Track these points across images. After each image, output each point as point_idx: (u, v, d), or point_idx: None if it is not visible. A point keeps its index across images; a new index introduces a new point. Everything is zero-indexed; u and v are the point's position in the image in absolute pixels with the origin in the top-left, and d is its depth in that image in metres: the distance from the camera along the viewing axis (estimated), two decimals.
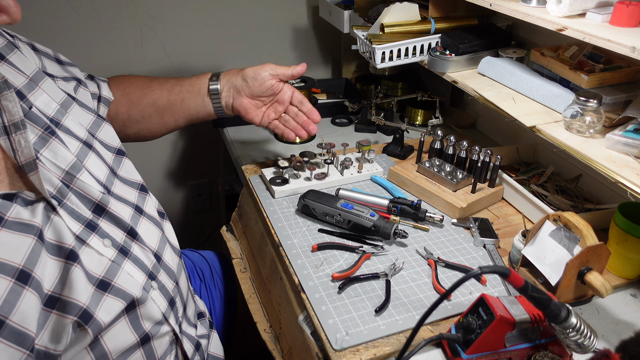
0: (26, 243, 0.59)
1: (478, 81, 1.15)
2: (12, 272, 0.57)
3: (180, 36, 1.73)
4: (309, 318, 0.87)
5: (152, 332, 0.72)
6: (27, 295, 0.57)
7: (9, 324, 0.55)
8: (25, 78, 0.73)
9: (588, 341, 0.70)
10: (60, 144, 0.71)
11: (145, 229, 0.78)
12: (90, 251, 0.66)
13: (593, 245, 0.83)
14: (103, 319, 0.64)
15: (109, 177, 0.77)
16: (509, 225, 1.11)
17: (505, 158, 1.28)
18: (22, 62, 0.75)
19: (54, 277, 0.61)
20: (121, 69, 1.71)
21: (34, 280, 0.58)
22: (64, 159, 0.70)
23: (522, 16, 0.92)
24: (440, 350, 0.80)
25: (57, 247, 0.63)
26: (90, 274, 0.65)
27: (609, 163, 0.83)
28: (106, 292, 0.66)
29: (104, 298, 0.65)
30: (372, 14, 1.48)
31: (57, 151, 0.70)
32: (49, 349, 0.58)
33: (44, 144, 0.69)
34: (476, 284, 0.93)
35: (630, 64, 1.00)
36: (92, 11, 1.60)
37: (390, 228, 1.01)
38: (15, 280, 0.57)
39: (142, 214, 0.80)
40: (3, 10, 0.58)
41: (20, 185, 0.65)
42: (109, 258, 0.69)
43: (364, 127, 1.54)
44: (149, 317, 0.72)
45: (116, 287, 0.67)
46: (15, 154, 0.64)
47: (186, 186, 2.04)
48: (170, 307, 0.77)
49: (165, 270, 0.79)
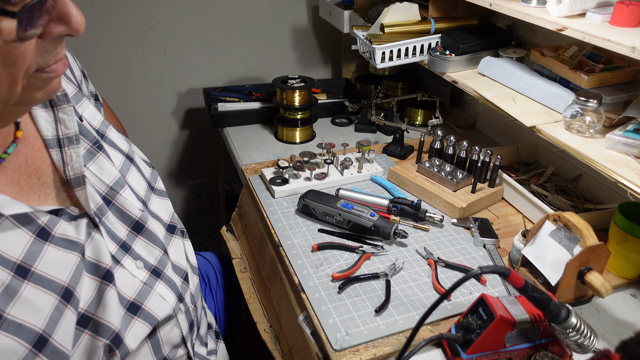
0: (72, 260, 0.59)
1: (478, 81, 1.15)
2: (59, 289, 0.56)
3: (180, 36, 1.73)
4: (309, 318, 0.87)
5: (169, 356, 0.72)
6: (68, 314, 0.56)
7: (51, 343, 0.54)
8: (74, 88, 0.72)
9: (588, 341, 0.70)
10: (106, 159, 0.70)
11: (174, 249, 0.77)
12: (124, 272, 0.65)
13: (593, 245, 0.83)
14: (131, 345, 0.63)
15: (147, 192, 0.76)
16: (509, 225, 1.11)
17: (505, 158, 1.28)
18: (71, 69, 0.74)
19: (88, 296, 0.60)
20: (121, 69, 1.71)
21: (75, 299, 0.58)
22: (109, 175, 0.69)
23: (522, 16, 0.92)
24: (440, 350, 0.80)
25: (95, 266, 0.62)
26: (122, 296, 0.63)
27: (609, 163, 0.83)
28: (135, 316, 0.65)
29: (133, 322, 0.64)
30: (372, 14, 1.48)
31: (103, 166, 0.69)
32: None
33: (91, 158, 0.68)
34: (476, 284, 0.93)
35: (630, 64, 1.00)
36: (92, 11, 1.60)
37: (390, 228, 1.01)
38: (60, 298, 0.56)
39: (174, 233, 0.78)
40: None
41: (64, 198, 0.64)
42: (140, 280, 0.67)
43: (364, 127, 1.54)
44: (169, 340, 0.71)
45: (145, 311, 0.66)
46: (65, 167, 0.64)
47: (186, 186, 2.04)
48: (190, 330, 0.76)
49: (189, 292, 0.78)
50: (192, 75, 1.81)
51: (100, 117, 0.75)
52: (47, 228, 0.58)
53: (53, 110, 0.65)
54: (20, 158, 0.61)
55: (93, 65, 1.66)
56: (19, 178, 0.60)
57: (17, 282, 0.53)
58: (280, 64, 1.90)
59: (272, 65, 1.89)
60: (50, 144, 0.64)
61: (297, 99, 1.43)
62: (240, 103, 1.61)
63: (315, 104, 1.46)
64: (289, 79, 1.46)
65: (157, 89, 1.80)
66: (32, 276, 0.55)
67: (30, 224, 0.56)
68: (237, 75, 1.87)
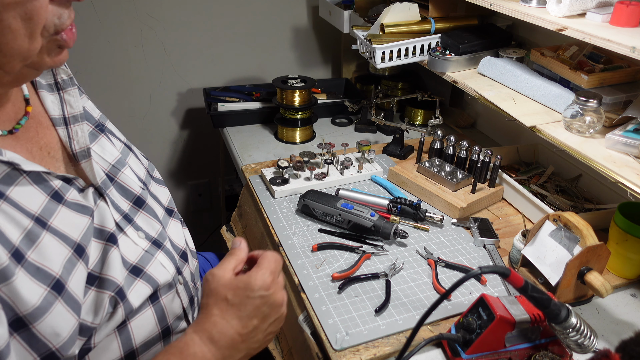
0: (83, 222, 0.65)
1: (478, 81, 1.15)
2: (72, 244, 0.62)
3: (180, 36, 1.73)
4: (309, 318, 0.87)
5: (173, 327, 0.75)
6: (80, 268, 0.62)
7: (67, 290, 0.60)
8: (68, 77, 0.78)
9: (588, 341, 0.70)
10: (107, 141, 0.77)
11: (173, 229, 0.82)
12: (126, 239, 0.70)
13: (593, 245, 0.83)
14: (134, 302, 0.67)
15: (146, 177, 0.82)
16: (509, 225, 1.11)
17: (505, 158, 1.28)
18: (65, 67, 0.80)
19: (94, 258, 0.65)
20: (121, 69, 1.71)
21: (85, 256, 0.63)
22: (111, 154, 0.76)
23: (522, 16, 0.92)
24: (440, 350, 0.80)
25: (100, 231, 0.67)
26: (125, 260, 0.68)
27: (609, 163, 0.83)
28: (138, 277, 0.69)
29: (136, 282, 0.68)
30: (372, 14, 1.48)
31: (105, 147, 0.76)
32: (86, 321, 0.62)
33: (94, 139, 0.75)
34: (476, 284, 0.93)
35: (630, 64, 1.00)
36: (92, 11, 1.60)
37: (390, 228, 1.01)
38: (73, 251, 0.62)
39: (172, 215, 0.84)
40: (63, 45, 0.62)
41: (72, 172, 0.70)
42: (142, 248, 0.72)
43: (364, 127, 1.54)
44: (172, 311, 0.75)
45: (147, 274, 0.70)
46: (71, 142, 0.70)
47: (186, 186, 2.04)
48: (190, 305, 0.80)
49: (189, 270, 0.83)
50: (192, 75, 1.81)
51: (98, 112, 0.82)
52: (60, 192, 0.64)
53: (59, 92, 0.73)
54: (31, 132, 0.67)
55: (93, 65, 1.66)
56: (32, 148, 0.66)
57: (37, 229, 0.59)
58: (280, 64, 1.90)
59: (272, 65, 1.89)
60: (57, 122, 0.71)
61: (297, 99, 1.43)
62: (240, 103, 1.61)
63: (315, 104, 1.46)
64: (289, 79, 1.46)
65: (157, 89, 1.80)
66: (49, 228, 0.60)
67: (46, 186, 0.62)
68: (237, 75, 1.87)
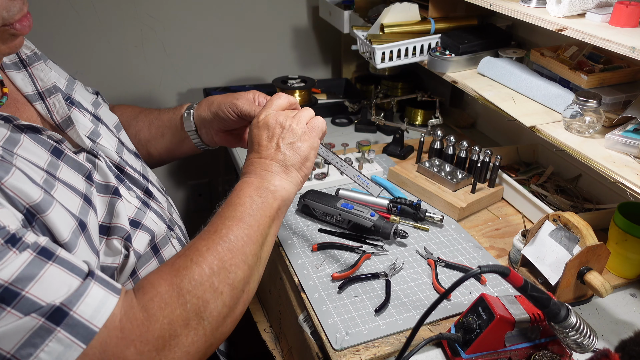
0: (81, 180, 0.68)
1: (478, 81, 1.15)
2: (80, 194, 0.66)
3: (180, 36, 1.73)
4: (309, 318, 0.87)
5: None
6: (92, 216, 0.66)
7: (88, 230, 0.64)
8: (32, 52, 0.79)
9: (587, 340, 0.70)
10: (79, 112, 0.78)
11: (154, 192, 0.84)
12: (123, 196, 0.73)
13: (593, 245, 0.83)
14: (139, 249, 0.71)
15: (119, 145, 0.84)
16: (509, 225, 1.11)
17: (505, 158, 1.28)
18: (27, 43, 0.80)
19: (103, 210, 0.69)
20: (121, 69, 1.71)
21: (93, 206, 0.67)
22: (85, 126, 0.77)
23: (522, 16, 0.92)
24: (440, 350, 0.80)
25: (104, 186, 0.71)
26: None
27: (608, 163, 0.83)
28: (138, 228, 0.73)
29: (137, 232, 0.72)
30: (372, 14, 1.48)
31: (78, 119, 0.77)
32: (106, 263, 0.67)
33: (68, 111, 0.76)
34: (476, 283, 0.93)
35: (630, 64, 1.00)
36: (92, 11, 1.60)
37: (390, 228, 1.01)
38: (83, 200, 0.66)
39: (148, 182, 0.85)
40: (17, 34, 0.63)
41: None
42: (135, 205, 0.75)
43: (364, 127, 1.54)
44: None
45: (144, 225, 0.74)
46: (51, 114, 0.72)
47: (186, 186, 2.04)
48: None
49: (178, 227, 0.86)
50: (192, 75, 1.81)
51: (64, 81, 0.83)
52: (59, 148, 0.67)
53: (27, 69, 0.74)
54: (12, 109, 0.70)
55: (93, 65, 1.66)
56: None
57: (51, 179, 0.63)
58: (280, 64, 1.90)
59: (272, 65, 1.89)
60: (32, 98, 0.73)
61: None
62: None
63: (315, 104, 1.46)
64: (289, 79, 1.46)
65: (157, 89, 1.80)
66: (59, 180, 0.64)
67: (45, 143, 0.66)
68: (237, 75, 1.87)
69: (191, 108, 0.96)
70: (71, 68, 0.81)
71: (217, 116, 0.91)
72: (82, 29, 1.61)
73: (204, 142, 0.98)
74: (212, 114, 0.92)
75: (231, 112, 0.89)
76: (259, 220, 0.71)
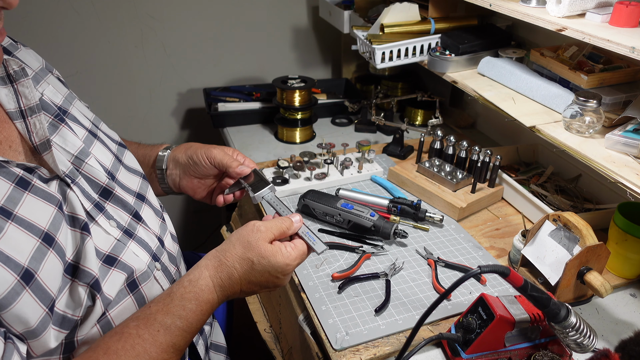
0: (49, 210, 0.64)
1: (478, 81, 1.15)
2: (39, 233, 0.61)
3: (180, 36, 1.73)
4: (309, 318, 0.87)
5: None
6: (50, 257, 0.61)
7: (37, 280, 0.59)
8: (32, 71, 0.77)
9: (587, 340, 0.70)
10: (69, 131, 0.75)
11: (147, 214, 0.82)
12: (98, 229, 0.70)
13: (593, 245, 0.83)
14: (110, 293, 0.67)
15: (114, 164, 0.81)
16: (509, 225, 1.11)
17: (505, 158, 1.28)
18: (28, 59, 0.78)
19: (73, 247, 0.66)
20: (121, 69, 1.71)
21: (57, 245, 0.63)
22: (73, 145, 0.74)
23: (521, 16, 0.92)
24: (440, 350, 0.81)
25: (73, 219, 0.67)
26: (98, 250, 0.68)
27: (608, 163, 0.83)
28: (112, 267, 0.69)
29: (110, 272, 0.69)
30: (372, 14, 1.48)
31: (67, 137, 0.74)
32: (67, 313, 0.63)
33: (54, 130, 0.73)
34: (476, 283, 0.93)
35: (630, 64, 1.00)
36: (92, 11, 1.60)
37: (390, 228, 1.01)
38: (41, 240, 0.61)
39: (144, 201, 0.83)
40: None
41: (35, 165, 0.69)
42: (114, 237, 0.72)
43: (364, 127, 1.54)
44: (153, 297, 0.74)
45: (121, 262, 0.70)
46: (30, 135, 0.69)
47: None
48: None
49: (167, 254, 0.83)
50: (192, 75, 1.81)
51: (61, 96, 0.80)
52: (26, 178, 0.63)
53: (13, 85, 0.70)
54: None
55: (93, 65, 1.66)
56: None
57: (1, 221, 0.58)
58: (280, 64, 1.90)
59: (272, 65, 1.89)
60: (13, 116, 0.69)
61: (297, 99, 1.43)
62: (240, 103, 1.61)
63: (315, 104, 1.46)
64: (289, 79, 1.46)
65: (157, 89, 1.80)
66: (14, 218, 0.60)
67: (8, 174, 0.62)
68: (237, 75, 1.87)
69: (169, 149, 0.98)
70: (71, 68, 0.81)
71: (192, 159, 0.93)
72: (82, 29, 1.61)
73: (168, 185, 0.98)
74: (187, 157, 0.94)
75: (205, 158, 0.91)
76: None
